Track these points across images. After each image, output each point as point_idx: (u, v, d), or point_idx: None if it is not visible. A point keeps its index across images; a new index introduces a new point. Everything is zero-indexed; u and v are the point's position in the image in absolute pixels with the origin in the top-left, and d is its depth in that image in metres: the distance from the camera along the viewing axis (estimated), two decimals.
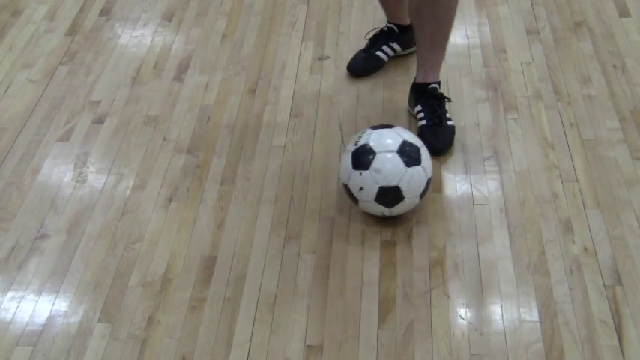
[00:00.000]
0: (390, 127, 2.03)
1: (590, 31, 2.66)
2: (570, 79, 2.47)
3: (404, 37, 2.54)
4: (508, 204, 2.08)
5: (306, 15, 2.84)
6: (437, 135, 2.23)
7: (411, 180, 1.94)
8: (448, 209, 2.08)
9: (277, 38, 2.74)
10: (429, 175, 1.99)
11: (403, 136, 1.98)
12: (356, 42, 2.68)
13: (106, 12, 2.95)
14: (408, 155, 1.95)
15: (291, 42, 2.72)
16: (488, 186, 2.14)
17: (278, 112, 2.42)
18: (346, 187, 2.00)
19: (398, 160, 1.93)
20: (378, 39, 2.55)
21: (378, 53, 2.53)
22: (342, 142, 2.30)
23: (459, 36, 2.66)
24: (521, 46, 2.62)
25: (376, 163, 1.92)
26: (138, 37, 2.81)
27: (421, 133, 2.22)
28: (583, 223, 2.01)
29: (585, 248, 1.95)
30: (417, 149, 1.98)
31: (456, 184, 2.14)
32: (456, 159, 2.22)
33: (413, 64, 2.56)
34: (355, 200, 2.00)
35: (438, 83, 2.31)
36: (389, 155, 1.94)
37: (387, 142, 1.96)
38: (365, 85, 2.50)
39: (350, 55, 2.60)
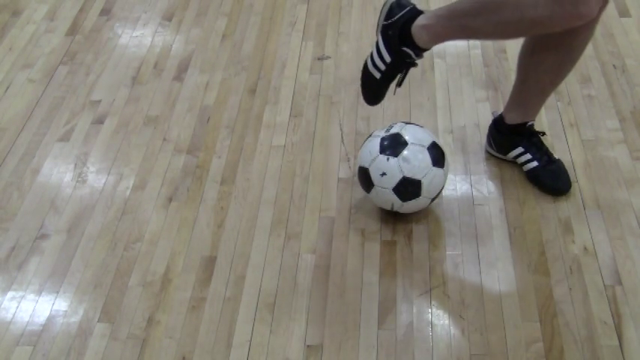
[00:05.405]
0: (421, 126, 2.05)
1: None
2: (570, 79, 2.46)
3: None
4: (508, 204, 2.08)
5: (306, 15, 2.84)
6: (557, 175, 2.10)
7: (433, 179, 1.95)
8: (448, 209, 2.08)
9: (277, 38, 2.74)
10: (445, 181, 2.00)
11: (433, 138, 2.00)
12: (356, 42, 2.69)
13: (106, 12, 2.95)
14: (436, 155, 1.96)
15: (291, 42, 2.72)
16: (488, 186, 2.14)
17: (278, 112, 2.42)
18: (365, 171, 1.98)
19: (427, 157, 1.94)
20: None
21: None
22: (342, 142, 2.30)
23: None
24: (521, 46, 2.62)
25: (407, 153, 1.93)
26: (138, 37, 2.81)
27: (534, 177, 2.10)
28: (583, 223, 2.01)
29: (585, 248, 1.95)
30: (443, 153, 1.99)
31: (456, 184, 2.14)
32: (456, 159, 2.22)
33: None
34: (369, 186, 1.98)
35: None
36: (420, 149, 1.95)
37: (420, 136, 1.98)
38: None
39: (350, 55, 2.60)
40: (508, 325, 1.80)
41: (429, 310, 1.84)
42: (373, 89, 2.01)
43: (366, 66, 1.99)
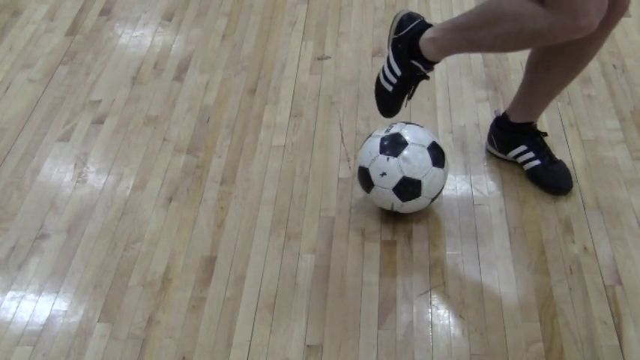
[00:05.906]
0: (421, 126, 2.05)
1: None
2: None
3: None
4: (508, 204, 2.08)
5: (306, 15, 2.84)
6: (558, 175, 2.10)
7: (433, 179, 1.95)
8: (448, 209, 2.08)
9: (277, 38, 2.74)
10: (445, 181, 2.00)
11: (433, 138, 2.00)
12: (356, 42, 2.69)
13: (106, 12, 2.95)
14: (436, 155, 1.96)
15: (291, 42, 2.72)
16: (488, 186, 2.14)
17: (278, 112, 2.42)
18: (365, 171, 1.98)
19: (427, 157, 1.95)
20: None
21: None
22: (342, 142, 2.30)
23: None
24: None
25: (407, 153, 1.94)
26: (138, 37, 2.81)
27: (535, 176, 2.11)
28: (583, 223, 2.01)
29: (585, 248, 1.95)
30: (443, 153, 2.00)
31: (456, 184, 2.14)
32: (456, 159, 2.22)
33: None
34: (369, 186, 1.98)
35: None
36: (420, 149, 1.95)
37: (420, 136, 1.98)
38: (365, 85, 2.50)
39: (350, 55, 2.60)
40: (508, 325, 1.80)
41: (429, 310, 1.84)
42: (387, 102, 2.02)
43: (378, 79, 2.00)
